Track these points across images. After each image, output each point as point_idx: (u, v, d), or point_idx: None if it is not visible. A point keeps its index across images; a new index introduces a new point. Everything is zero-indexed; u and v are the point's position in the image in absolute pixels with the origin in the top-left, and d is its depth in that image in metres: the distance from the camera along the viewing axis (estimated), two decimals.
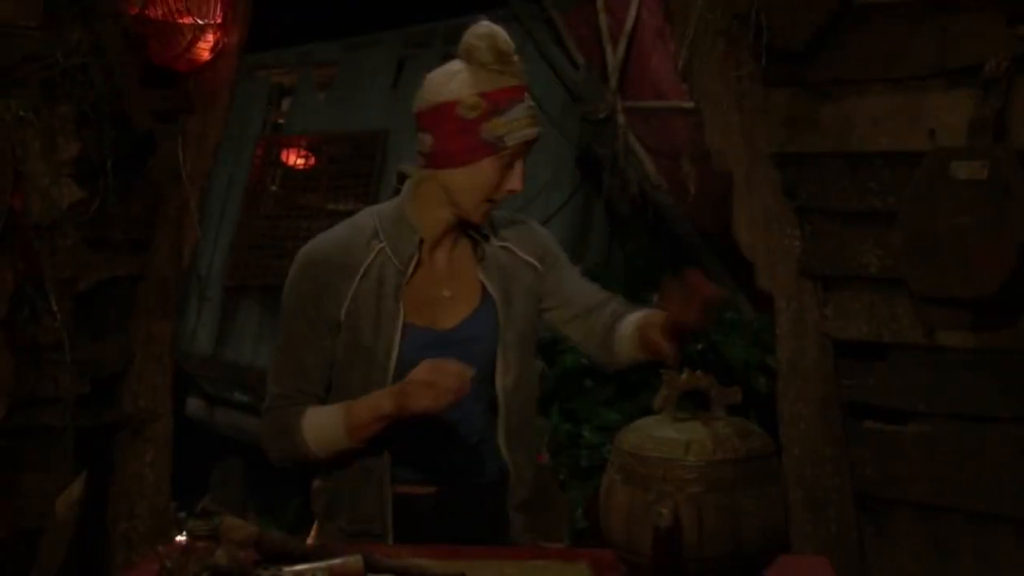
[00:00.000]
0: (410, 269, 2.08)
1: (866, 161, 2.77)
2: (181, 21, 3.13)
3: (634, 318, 2.19)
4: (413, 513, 2.13)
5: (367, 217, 2.13)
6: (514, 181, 2.05)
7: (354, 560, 1.92)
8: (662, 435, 1.88)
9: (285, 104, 7.19)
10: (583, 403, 4.59)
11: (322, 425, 2.06)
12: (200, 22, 3.14)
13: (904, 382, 2.76)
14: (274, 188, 6.80)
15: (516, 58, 2.04)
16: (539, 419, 2.71)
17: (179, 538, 1.94)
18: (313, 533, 2.81)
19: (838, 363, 2.87)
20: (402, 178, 2.16)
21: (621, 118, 5.56)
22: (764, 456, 1.90)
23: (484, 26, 2.07)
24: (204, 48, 3.19)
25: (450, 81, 2.06)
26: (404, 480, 2.13)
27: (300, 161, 6.80)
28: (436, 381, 1.96)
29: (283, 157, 6.82)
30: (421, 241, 2.10)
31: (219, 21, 3.19)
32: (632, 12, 5.60)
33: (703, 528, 1.80)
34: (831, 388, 2.87)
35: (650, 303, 4.60)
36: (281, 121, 7.13)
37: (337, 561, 1.92)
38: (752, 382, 4.36)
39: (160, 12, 3.09)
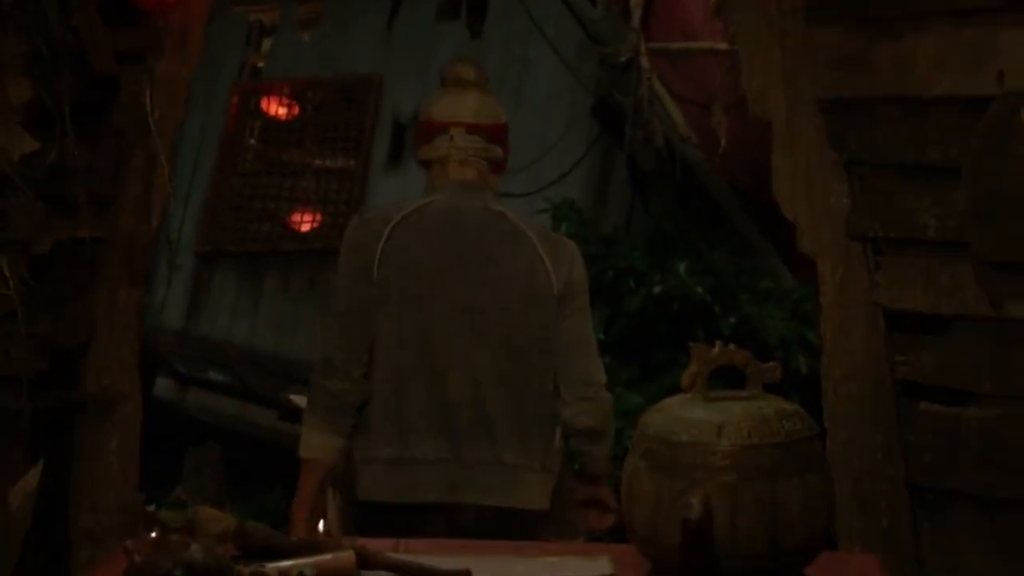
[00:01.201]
0: None
1: (926, 107, 2.75)
2: None
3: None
4: None
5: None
6: None
7: (346, 556, 1.94)
8: (692, 416, 1.89)
9: (265, 45, 7.16)
10: None
11: None
12: None
13: (966, 359, 2.76)
14: (252, 141, 6.78)
15: None
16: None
17: (149, 532, 1.95)
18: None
19: (891, 337, 2.86)
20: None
21: (645, 61, 5.53)
22: (806, 439, 1.91)
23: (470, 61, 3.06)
24: None
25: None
26: None
27: (282, 111, 6.78)
28: None
29: (263, 106, 6.80)
30: None
31: None
32: None
33: (737, 520, 1.81)
34: (882, 366, 2.87)
35: (677, 272, 4.64)
36: (260, 65, 7.10)
37: (327, 556, 1.93)
38: (791, 361, 4.36)
39: None
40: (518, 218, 2.87)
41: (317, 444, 2.80)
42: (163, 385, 6.82)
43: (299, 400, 6.10)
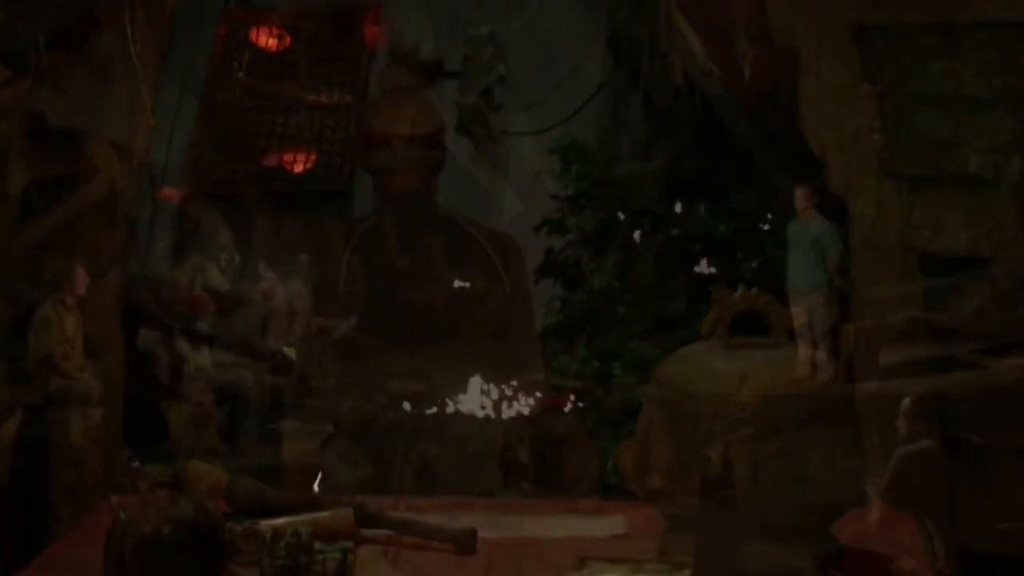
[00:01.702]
0: None
1: (965, 34, 2.73)
2: None
3: None
4: None
5: None
6: None
7: (344, 514, 1.95)
8: (711, 365, 1.90)
9: None
10: (615, 335, 4.60)
11: None
12: None
13: (1007, 303, 2.75)
14: (241, 75, 6.75)
15: None
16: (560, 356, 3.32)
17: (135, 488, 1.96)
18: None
19: (926, 281, 2.86)
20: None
21: None
22: (834, 390, 1.91)
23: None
24: None
25: None
26: None
27: (272, 42, 6.75)
28: None
29: (252, 37, 6.76)
30: None
31: None
32: None
33: (759, 475, 1.82)
34: (916, 312, 2.86)
35: (699, 218, 4.62)
36: None
37: (324, 514, 1.95)
38: None
39: None
40: (466, 223, 3.32)
41: (301, 449, 3.08)
42: (146, 336, 6.83)
43: (291, 352, 6.13)
